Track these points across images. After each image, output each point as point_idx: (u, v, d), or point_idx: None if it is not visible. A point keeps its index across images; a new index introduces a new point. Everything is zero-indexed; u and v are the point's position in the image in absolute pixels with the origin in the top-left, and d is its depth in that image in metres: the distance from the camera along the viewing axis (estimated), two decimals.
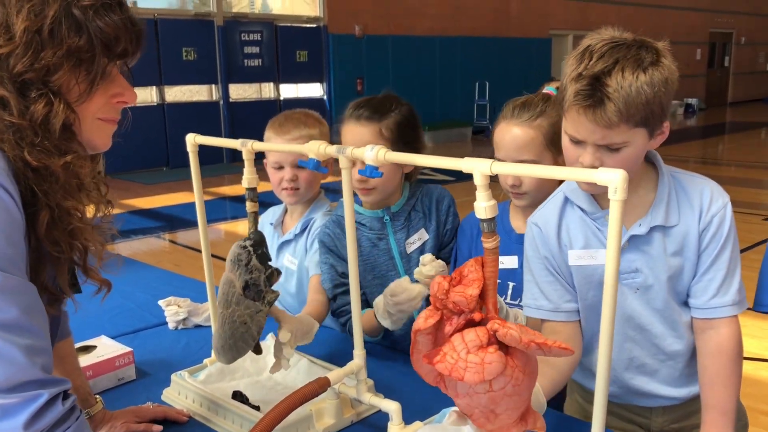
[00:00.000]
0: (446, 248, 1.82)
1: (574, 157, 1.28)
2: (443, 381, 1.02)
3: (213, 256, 1.58)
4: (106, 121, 1.08)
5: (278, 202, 2.05)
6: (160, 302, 1.98)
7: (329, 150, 1.24)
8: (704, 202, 1.34)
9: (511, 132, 1.60)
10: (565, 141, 1.30)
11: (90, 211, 1.11)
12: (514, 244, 1.68)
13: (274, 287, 1.34)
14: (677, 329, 1.41)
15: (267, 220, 2.07)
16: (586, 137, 1.24)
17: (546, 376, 1.31)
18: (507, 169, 0.97)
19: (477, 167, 0.97)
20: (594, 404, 0.95)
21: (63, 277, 1.08)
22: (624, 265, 1.36)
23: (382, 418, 1.37)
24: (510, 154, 1.59)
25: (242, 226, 6.54)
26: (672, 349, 1.42)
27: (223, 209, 7.45)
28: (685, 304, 1.39)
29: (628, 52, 1.20)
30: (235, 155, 10.57)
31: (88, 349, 1.61)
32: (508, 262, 1.68)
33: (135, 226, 6.60)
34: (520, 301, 1.63)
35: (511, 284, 1.70)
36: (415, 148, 1.74)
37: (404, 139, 1.73)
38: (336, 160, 1.26)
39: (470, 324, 0.95)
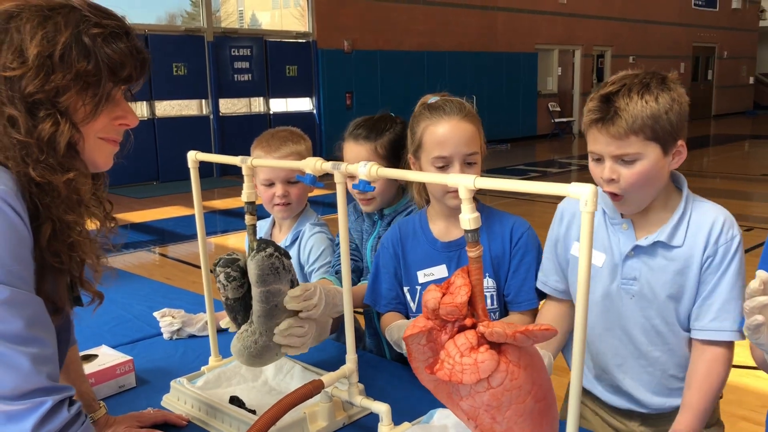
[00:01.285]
0: None
1: (598, 175, 1.44)
2: (443, 388, 1.06)
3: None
4: (107, 140, 1.15)
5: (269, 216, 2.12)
6: (155, 314, 2.03)
7: (325, 166, 1.32)
8: (713, 232, 1.43)
9: (458, 127, 1.57)
10: (590, 161, 1.47)
11: (93, 225, 1.18)
12: (439, 252, 1.67)
13: None
14: (665, 342, 1.49)
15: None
16: (602, 150, 1.41)
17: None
18: (489, 184, 1.05)
19: (461, 182, 1.05)
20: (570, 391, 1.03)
21: (62, 288, 1.14)
22: (625, 271, 1.50)
23: (372, 420, 1.44)
24: (460, 149, 1.55)
25: (233, 240, 6.59)
26: (652, 356, 1.51)
27: (213, 223, 7.49)
28: (683, 323, 1.48)
29: (635, 78, 1.39)
30: (226, 169, 10.64)
31: (89, 357, 1.66)
32: (438, 272, 1.65)
33: (126, 240, 6.62)
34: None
35: None
36: (407, 162, 1.83)
37: (398, 155, 1.88)
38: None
39: (463, 330, 1.01)
